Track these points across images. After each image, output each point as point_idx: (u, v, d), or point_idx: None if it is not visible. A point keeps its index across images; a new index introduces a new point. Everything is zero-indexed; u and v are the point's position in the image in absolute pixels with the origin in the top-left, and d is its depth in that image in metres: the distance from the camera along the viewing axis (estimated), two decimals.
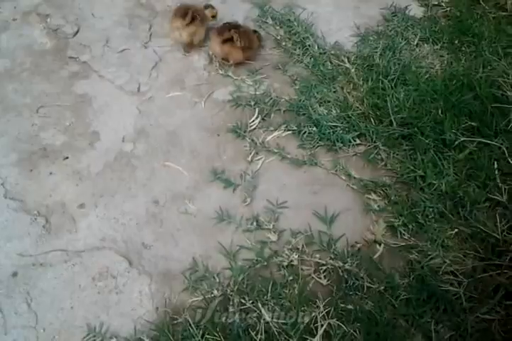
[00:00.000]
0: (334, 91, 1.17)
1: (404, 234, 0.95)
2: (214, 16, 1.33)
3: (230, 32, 1.23)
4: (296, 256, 0.92)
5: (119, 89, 1.26)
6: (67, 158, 1.12)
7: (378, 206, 1.00)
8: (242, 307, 0.87)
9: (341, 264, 0.91)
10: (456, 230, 0.94)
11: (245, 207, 1.03)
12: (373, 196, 1.01)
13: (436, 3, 1.40)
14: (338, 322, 0.82)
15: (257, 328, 0.82)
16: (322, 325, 0.83)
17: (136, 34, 1.39)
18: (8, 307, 0.88)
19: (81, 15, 1.45)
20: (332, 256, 0.93)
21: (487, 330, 0.85)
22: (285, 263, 0.93)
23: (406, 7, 1.40)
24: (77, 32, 1.40)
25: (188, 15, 1.25)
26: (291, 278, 0.91)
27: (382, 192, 1.01)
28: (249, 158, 1.10)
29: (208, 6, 1.33)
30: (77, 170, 1.10)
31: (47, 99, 1.25)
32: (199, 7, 1.32)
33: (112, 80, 1.27)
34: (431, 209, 0.96)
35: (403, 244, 0.95)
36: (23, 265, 0.95)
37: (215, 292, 0.89)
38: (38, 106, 1.23)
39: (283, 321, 0.83)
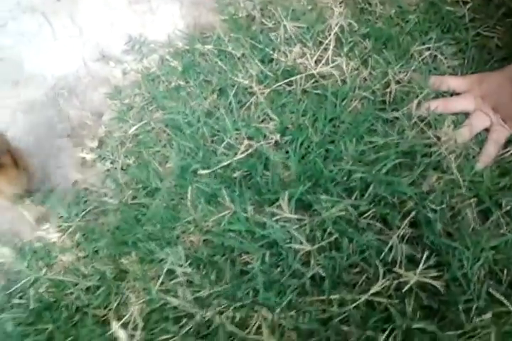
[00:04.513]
0: None
1: None
2: None
3: None
4: None
5: None
6: None
7: None
8: (265, 26, 0.97)
9: None
10: None
11: None
12: None
13: None
14: (351, 20, 0.92)
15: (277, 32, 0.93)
16: (336, 33, 0.93)
17: None
18: (55, 21, 0.99)
19: None
20: None
21: (485, 46, 0.94)
22: None
23: None
24: None
25: None
26: (309, 7, 1.00)
27: None
28: None
29: None
30: None
31: None
32: None
33: None
34: None
35: None
36: None
37: (240, 14, 0.98)
38: None
39: (299, 25, 0.93)
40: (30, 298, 0.64)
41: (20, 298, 0.66)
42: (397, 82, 0.90)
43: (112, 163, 0.79)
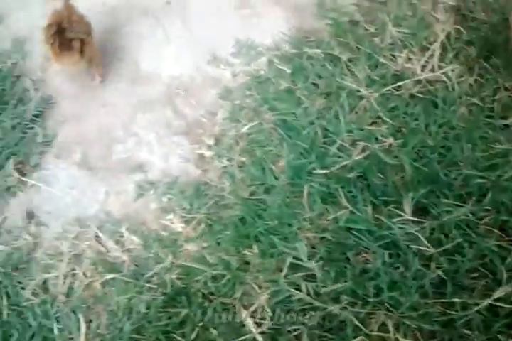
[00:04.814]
0: None
1: None
2: None
3: None
4: None
5: None
6: None
7: None
8: (368, 31, 0.99)
9: None
10: None
11: None
12: None
13: None
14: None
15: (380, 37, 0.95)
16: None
17: None
18: (167, 24, 1.05)
19: None
20: None
21: None
22: None
23: None
24: None
25: None
26: (409, 13, 1.00)
27: None
28: None
29: None
30: None
31: None
32: None
33: None
34: None
35: None
36: None
37: (344, 19, 1.01)
38: None
39: (402, 30, 0.95)
40: (168, 283, 0.68)
41: (150, 282, 0.71)
42: (506, 89, 0.89)
43: (228, 160, 0.83)
